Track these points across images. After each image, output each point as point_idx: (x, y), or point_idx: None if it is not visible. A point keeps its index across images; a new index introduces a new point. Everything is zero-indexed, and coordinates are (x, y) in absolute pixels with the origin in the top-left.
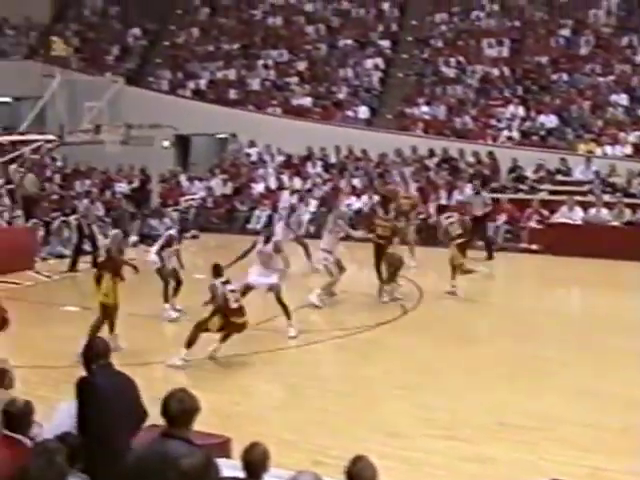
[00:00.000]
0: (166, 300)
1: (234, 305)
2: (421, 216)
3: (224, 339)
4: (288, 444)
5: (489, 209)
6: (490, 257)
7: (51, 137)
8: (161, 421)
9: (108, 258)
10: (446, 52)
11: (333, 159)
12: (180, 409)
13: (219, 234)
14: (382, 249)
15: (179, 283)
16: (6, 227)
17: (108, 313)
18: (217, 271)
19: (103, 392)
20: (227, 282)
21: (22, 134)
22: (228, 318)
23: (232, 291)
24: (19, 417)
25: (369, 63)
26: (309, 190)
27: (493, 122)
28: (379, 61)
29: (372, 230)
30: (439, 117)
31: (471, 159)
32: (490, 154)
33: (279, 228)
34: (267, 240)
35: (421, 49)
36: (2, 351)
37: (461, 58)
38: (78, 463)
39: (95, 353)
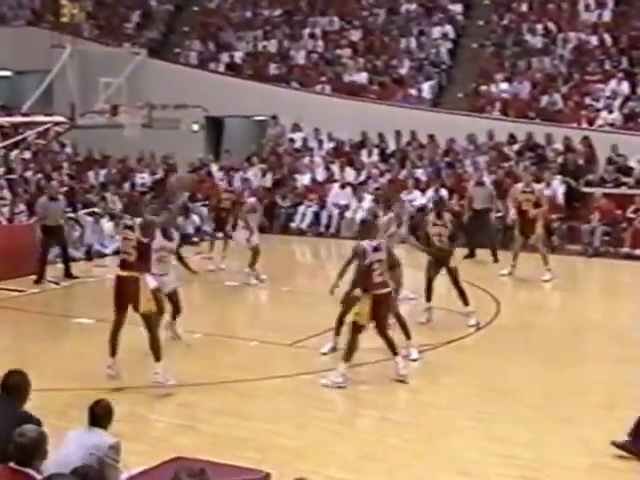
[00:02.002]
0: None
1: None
2: (498, 214)
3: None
4: None
5: (492, 203)
6: (495, 259)
7: (60, 119)
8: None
9: None
10: (532, 17)
11: (392, 146)
12: None
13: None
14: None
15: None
16: (6, 225)
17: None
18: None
19: None
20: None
21: (25, 115)
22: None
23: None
24: (31, 449)
25: (436, 32)
26: (363, 183)
27: (589, 101)
28: (449, 29)
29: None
30: (521, 96)
31: (560, 146)
32: (585, 140)
33: None
34: None
35: (500, 14)
36: None
37: (550, 24)
38: None
39: None
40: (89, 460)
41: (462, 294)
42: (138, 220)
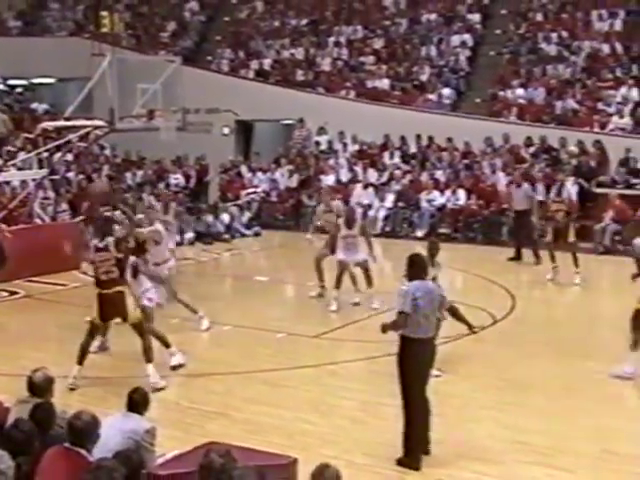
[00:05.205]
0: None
1: None
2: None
3: None
4: (360, 467)
5: (532, 205)
6: (537, 259)
7: (100, 123)
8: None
9: None
10: (547, 26)
11: (413, 149)
12: None
13: (284, 231)
14: None
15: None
16: (50, 223)
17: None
18: None
19: None
20: None
21: (68, 119)
22: None
23: None
24: (85, 432)
25: (456, 40)
26: (385, 184)
27: (601, 106)
28: (467, 38)
29: None
30: (537, 101)
31: (574, 149)
32: (597, 143)
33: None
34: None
35: (517, 23)
36: (44, 358)
37: (565, 33)
38: None
39: None
40: (127, 444)
41: None
42: (110, 239)
